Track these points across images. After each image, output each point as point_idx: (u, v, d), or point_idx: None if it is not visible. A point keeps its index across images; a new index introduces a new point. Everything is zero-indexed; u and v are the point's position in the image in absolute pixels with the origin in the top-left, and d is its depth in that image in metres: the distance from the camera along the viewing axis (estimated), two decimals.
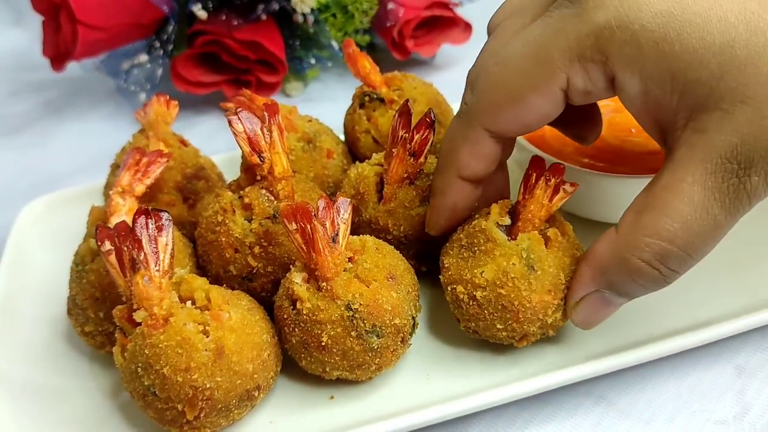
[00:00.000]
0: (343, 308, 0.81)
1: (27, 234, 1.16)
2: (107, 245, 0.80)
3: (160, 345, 0.75)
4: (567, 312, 0.85)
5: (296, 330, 0.83)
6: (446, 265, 0.88)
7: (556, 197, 0.85)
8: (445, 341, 0.92)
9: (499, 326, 0.85)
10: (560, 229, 0.86)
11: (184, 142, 1.09)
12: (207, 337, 0.76)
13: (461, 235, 0.88)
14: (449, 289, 0.87)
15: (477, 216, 0.89)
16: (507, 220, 0.85)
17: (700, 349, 0.91)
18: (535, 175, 0.86)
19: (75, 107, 1.67)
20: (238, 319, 0.80)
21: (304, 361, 0.85)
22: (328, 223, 0.81)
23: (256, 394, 0.81)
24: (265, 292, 0.92)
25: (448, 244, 0.90)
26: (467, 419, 0.87)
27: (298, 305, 0.82)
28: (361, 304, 0.81)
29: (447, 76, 1.64)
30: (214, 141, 1.47)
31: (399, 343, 0.84)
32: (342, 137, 1.17)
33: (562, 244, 0.85)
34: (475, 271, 0.84)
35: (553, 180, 0.85)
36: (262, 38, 1.49)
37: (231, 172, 1.10)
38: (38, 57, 1.60)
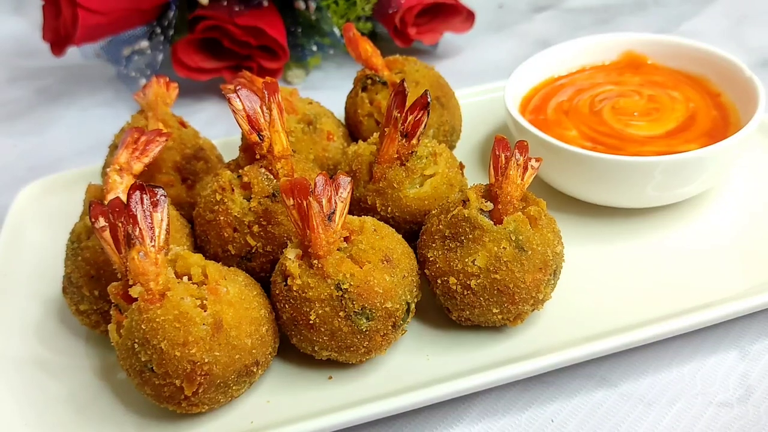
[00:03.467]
0: (332, 287, 0.80)
1: (24, 215, 1.16)
2: (101, 222, 0.80)
3: (157, 320, 0.75)
4: None
5: (286, 306, 0.82)
6: (431, 259, 0.87)
7: (526, 175, 0.85)
8: (444, 321, 0.91)
9: (495, 310, 0.85)
10: (537, 207, 0.86)
11: (183, 123, 1.09)
12: (205, 311, 0.76)
13: (441, 226, 0.87)
14: (439, 282, 0.87)
15: (452, 206, 0.87)
16: (489, 206, 0.85)
17: (704, 331, 0.90)
18: (504, 156, 0.86)
19: (74, 94, 1.67)
20: (236, 293, 0.79)
21: (295, 338, 0.85)
22: (324, 201, 0.81)
23: (254, 370, 0.81)
24: (264, 272, 0.91)
25: (426, 237, 0.89)
26: (467, 400, 0.86)
27: (289, 281, 0.81)
28: (351, 285, 0.80)
29: (449, 65, 1.64)
30: (214, 128, 1.47)
31: (390, 327, 0.83)
32: (343, 121, 1.16)
33: (544, 221, 0.85)
34: (467, 260, 0.84)
35: (522, 158, 0.85)
36: (263, 24, 1.48)
37: (230, 156, 1.09)
38: (38, 44, 1.60)
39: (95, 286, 0.87)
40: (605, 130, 1.08)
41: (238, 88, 0.89)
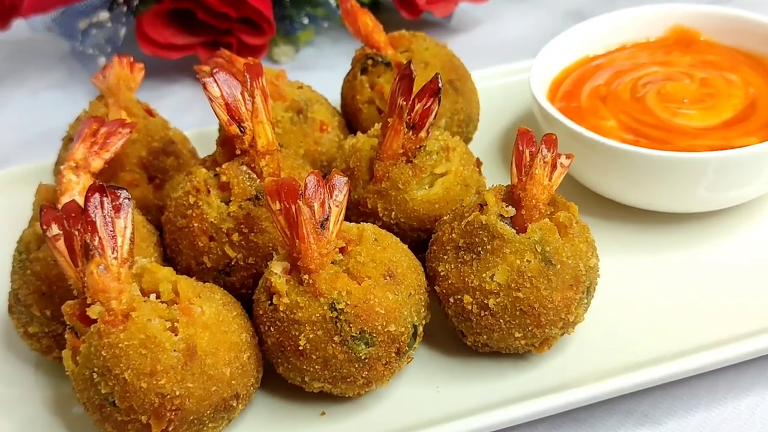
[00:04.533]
0: (326, 307, 0.81)
1: None
2: (54, 229, 0.81)
3: (120, 345, 0.76)
4: None
5: (272, 329, 0.83)
6: (443, 274, 0.88)
7: (554, 174, 0.86)
8: (458, 347, 0.92)
9: (517, 335, 0.85)
10: (568, 212, 0.87)
11: (150, 112, 1.10)
12: (176, 335, 0.77)
13: (454, 235, 0.87)
14: (451, 300, 0.87)
15: (467, 210, 0.88)
16: (512, 211, 0.85)
17: (764, 360, 0.91)
18: (528, 151, 0.86)
19: (21, 74, 1.69)
20: (212, 314, 0.80)
21: (281, 367, 0.86)
22: (317, 205, 0.81)
23: (234, 404, 0.82)
24: (245, 289, 0.93)
25: (436, 248, 0.90)
26: None
27: (275, 300, 0.82)
28: (347, 304, 0.80)
29: (465, 41, 1.65)
30: (187, 115, 1.48)
31: (393, 354, 0.84)
32: (339, 109, 1.17)
33: (575, 229, 0.86)
34: (484, 275, 0.85)
35: (549, 155, 0.85)
36: None
37: (205, 150, 1.10)
38: None
39: (47, 305, 0.88)
40: (649, 121, 1.09)
41: (215, 70, 0.91)
